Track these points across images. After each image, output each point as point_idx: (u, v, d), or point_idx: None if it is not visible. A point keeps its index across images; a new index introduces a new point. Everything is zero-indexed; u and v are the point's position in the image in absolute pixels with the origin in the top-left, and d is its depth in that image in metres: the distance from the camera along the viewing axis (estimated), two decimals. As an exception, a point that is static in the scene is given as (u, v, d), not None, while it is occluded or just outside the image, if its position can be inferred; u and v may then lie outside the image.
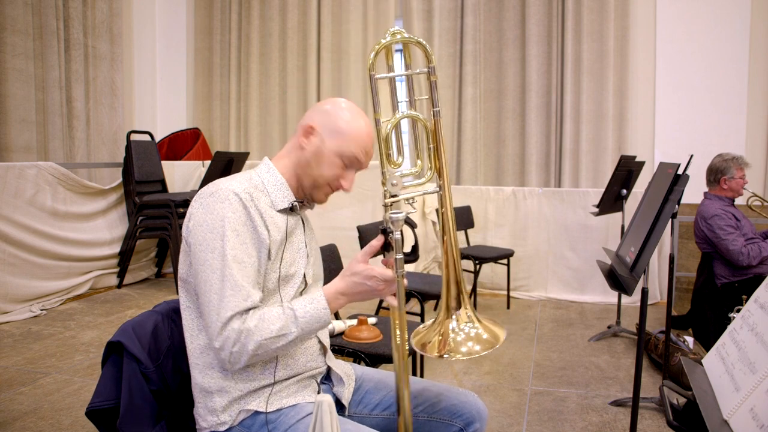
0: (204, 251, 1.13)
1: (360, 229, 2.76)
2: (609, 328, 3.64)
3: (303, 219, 1.35)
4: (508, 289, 4.36)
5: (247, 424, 1.18)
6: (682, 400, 1.47)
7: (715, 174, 3.25)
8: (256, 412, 1.18)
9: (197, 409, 1.21)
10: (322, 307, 1.16)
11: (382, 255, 1.20)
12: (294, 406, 1.21)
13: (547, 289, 4.58)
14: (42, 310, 3.80)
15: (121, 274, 4.58)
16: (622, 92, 4.76)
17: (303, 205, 1.34)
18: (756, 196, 3.60)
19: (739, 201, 3.32)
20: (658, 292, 4.40)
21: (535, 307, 4.32)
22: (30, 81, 4.40)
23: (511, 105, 5.04)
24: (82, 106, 4.78)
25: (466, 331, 1.16)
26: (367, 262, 1.19)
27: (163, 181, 4.88)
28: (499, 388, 2.76)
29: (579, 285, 4.50)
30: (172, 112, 5.99)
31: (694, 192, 3.32)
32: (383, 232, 1.14)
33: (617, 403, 2.58)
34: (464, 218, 4.43)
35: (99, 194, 4.52)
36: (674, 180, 1.94)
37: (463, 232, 4.45)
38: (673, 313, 3.95)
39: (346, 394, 1.33)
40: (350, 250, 2.94)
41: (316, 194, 1.29)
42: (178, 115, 6.03)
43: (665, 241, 4.30)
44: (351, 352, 2.02)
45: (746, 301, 1.17)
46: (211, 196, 1.16)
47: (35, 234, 3.85)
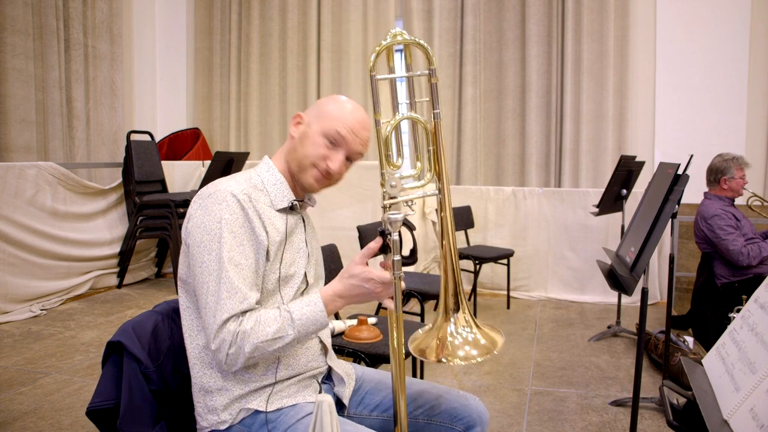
0: (201, 253, 1.13)
1: (360, 229, 2.76)
2: (609, 328, 3.64)
3: (304, 218, 1.35)
4: (508, 289, 4.36)
5: (248, 423, 1.18)
6: (682, 400, 1.47)
7: (715, 174, 3.25)
8: (257, 411, 1.19)
9: (197, 409, 1.21)
10: (319, 310, 1.15)
11: (382, 257, 1.19)
12: (294, 405, 1.21)
13: (547, 289, 4.58)
14: (42, 310, 3.80)
15: (121, 274, 4.58)
16: (622, 92, 4.76)
17: (303, 203, 1.33)
18: (756, 196, 3.60)
19: (739, 201, 3.32)
20: (658, 292, 4.40)
21: (535, 307, 4.32)
22: (30, 81, 4.40)
23: (511, 105, 5.04)
24: (82, 106, 4.78)
25: (464, 336, 1.15)
26: (365, 264, 1.18)
27: (163, 181, 4.89)
28: (499, 388, 2.76)
29: (579, 285, 4.50)
30: (172, 112, 5.99)
31: (694, 192, 3.33)
32: (381, 233, 1.13)
33: (617, 403, 2.58)
34: (464, 218, 4.42)
35: (99, 194, 4.52)
36: (674, 180, 1.95)
37: (463, 232, 4.44)
38: (673, 313, 3.95)
39: (347, 393, 1.33)
40: (350, 250, 2.94)
41: (304, 178, 1.26)
42: (178, 115, 6.03)
43: (665, 241, 4.30)
44: (351, 352, 2.02)
45: (746, 301, 1.17)
46: (209, 198, 1.16)
47: (35, 234, 3.85)
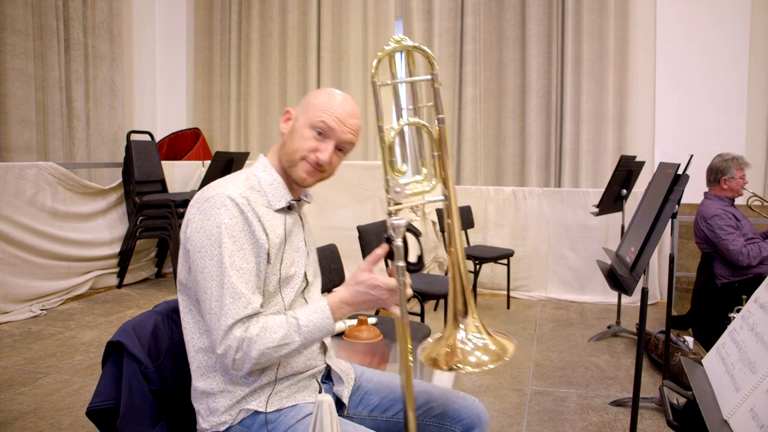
0: (202, 258, 1.12)
1: (360, 229, 2.75)
2: (609, 328, 3.64)
3: (301, 217, 1.34)
4: (508, 289, 4.36)
5: (247, 424, 1.18)
6: (682, 400, 1.47)
7: (715, 174, 3.25)
8: (256, 412, 1.18)
9: (198, 410, 1.21)
10: (326, 317, 1.15)
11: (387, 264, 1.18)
12: (294, 406, 1.20)
13: (547, 289, 4.58)
14: (42, 310, 3.80)
15: (121, 274, 4.58)
16: (622, 92, 4.76)
17: (300, 201, 1.33)
18: (756, 196, 3.60)
19: (739, 201, 3.32)
20: (658, 292, 4.40)
21: (535, 307, 4.32)
22: (30, 81, 4.40)
23: (511, 105, 5.04)
24: (82, 106, 4.78)
25: (475, 342, 1.13)
26: (371, 270, 1.18)
27: (163, 181, 4.89)
28: (499, 388, 2.76)
29: (579, 285, 4.50)
30: (172, 112, 5.99)
31: (694, 192, 3.32)
32: (387, 240, 1.13)
33: (617, 403, 2.58)
34: (464, 218, 4.42)
35: (99, 194, 4.52)
36: (674, 180, 1.94)
37: (463, 232, 4.44)
38: (673, 313, 3.95)
39: (346, 393, 1.33)
40: (350, 250, 2.94)
41: (295, 172, 1.25)
42: (178, 115, 6.03)
43: (665, 241, 4.30)
44: (351, 352, 2.02)
45: (746, 301, 1.17)
46: (207, 202, 1.15)
47: (35, 234, 3.85)
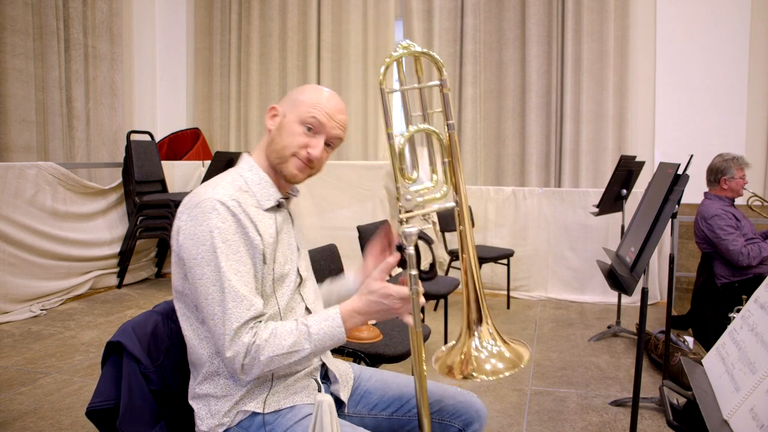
0: (199, 265, 1.11)
1: (360, 229, 2.75)
2: (609, 328, 3.64)
3: (290, 213, 1.34)
4: (508, 289, 4.36)
5: (245, 426, 1.18)
6: (682, 400, 1.47)
7: (715, 174, 3.25)
8: (254, 413, 1.18)
9: (198, 412, 1.20)
10: (337, 326, 1.14)
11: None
12: (292, 407, 1.20)
13: (547, 289, 4.58)
14: (42, 310, 3.80)
15: (121, 274, 4.58)
16: (622, 92, 4.75)
17: (289, 198, 1.33)
18: (756, 196, 3.60)
19: (739, 201, 3.32)
20: (658, 292, 4.39)
21: (535, 307, 4.32)
22: (30, 81, 4.40)
23: (511, 105, 5.04)
24: (82, 106, 4.78)
25: (490, 350, 1.12)
26: (384, 279, 1.16)
27: (163, 181, 4.89)
28: (499, 388, 2.75)
29: (579, 285, 4.50)
30: (172, 112, 5.99)
31: (694, 192, 3.32)
32: (399, 248, 1.11)
33: (617, 403, 2.58)
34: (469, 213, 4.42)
35: (99, 194, 4.52)
36: (674, 180, 1.94)
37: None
38: (673, 313, 3.95)
39: (346, 392, 1.33)
40: (350, 250, 2.94)
41: (286, 169, 1.24)
42: (178, 115, 6.03)
43: (665, 241, 4.29)
44: (351, 352, 2.02)
45: (746, 301, 1.17)
46: (197, 207, 1.14)
47: (35, 234, 3.85)
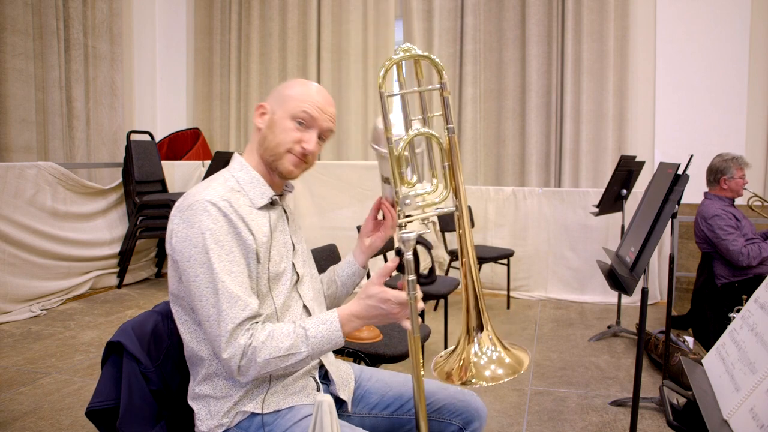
0: (192, 267, 1.11)
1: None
2: (609, 328, 3.64)
3: (285, 210, 1.33)
4: (508, 289, 4.36)
5: (244, 426, 1.18)
6: (682, 400, 1.47)
7: (715, 174, 3.25)
8: (253, 414, 1.18)
9: (198, 413, 1.20)
10: (335, 329, 1.14)
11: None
12: (291, 408, 1.20)
13: (547, 289, 4.58)
14: (42, 310, 3.80)
15: (121, 274, 4.58)
16: (622, 92, 4.76)
17: (283, 195, 1.32)
18: (756, 196, 3.59)
19: (739, 201, 3.32)
20: (658, 292, 4.39)
21: (535, 307, 4.32)
22: (30, 81, 4.40)
23: (511, 105, 5.04)
24: (82, 106, 4.78)
25: (489, 356, 1.12)
26: (382, 284, 1.16)
27: (163, 181, 4.89)
28: (499, 388, 2.75)
29: (579, 285, 4.50)
30: (172, 112, 5.99)
31: (694, 192, 3.32)
32: (398, 252, 1.11)
33: (617, 403, 2.58)
34: (469, 217, 4.42)
35: (99, 194, 4.52)
36: (674, 180, 1.94)
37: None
38: (673, 313, 3.95)
39: (346, 392, 1.33)
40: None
41: (281, 165, 1.24)
42: (178, 115, 6.03)
43: (665, 241, 4.29)
44: (351, 352, 2.02)
45: (746, 301, 1.17)
46: (189, 210, 1.14)
47: (35, 234, 3.85)
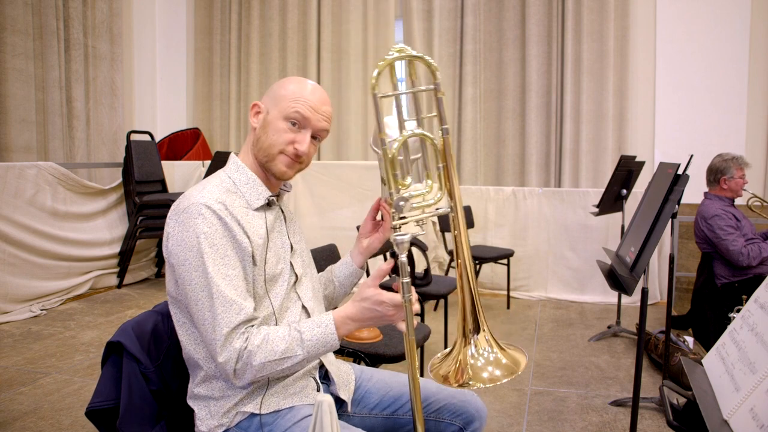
0: (187, 271, 1.11)
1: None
2: (609, 328, 3.64)
3: (283, 210, 1.33)
4: (508, 289, 4.36)
5: (244, 426, 1.18)
6: (682, 400, 1.47)
7: (715, 174, 3.25)
8: (252, 414, 1.18)
9: (198, 413, 1.20)
10: (330, 332, 1.14)
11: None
12: (291, 408, 1.20)
13: (547, 289, 4.58)
14: (42, 310, 3.80)
15: (121, 274, 4.58)
16: (622, 92, 4.75)
17: (280, 195, 1.32)
18: (756, 197, 3.59)
19: (739, 201, 3.32)
20: (658, 292, 4.39)
21: (535, 307, 4.32)
22: (30, 81, 4.40)
23: (511, 105, 5.04)
24: (82, 106, 4.78)
25: (486, 357, 1.11)
26: (377, 286, 1.15)
27: (163, 181, 4.89)
28: (499, 388, 2.75)
29: (579, 285, 4.50)
30: (172, 112, 5.99)
31: (694, 192, 3.32)
32: (392, 255, 1.10)
33: (617, 403, 2.58)
34: (464, 218, 4.42)
35: (99, 194, 4.52)
36: (674, 180, 1.94)
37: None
38: (673, 313, 3.95)
39: (346, 393, 1.33)
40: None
41: (275, 166, 1.23)
42: (178, 115, 6.03)
43: (665, 241, 4.29)
44: (351, 352, 2.02)
45: (746, 301, 1.17)
46: (184, 213, 1.14)
47: (35, 234, 3.85)
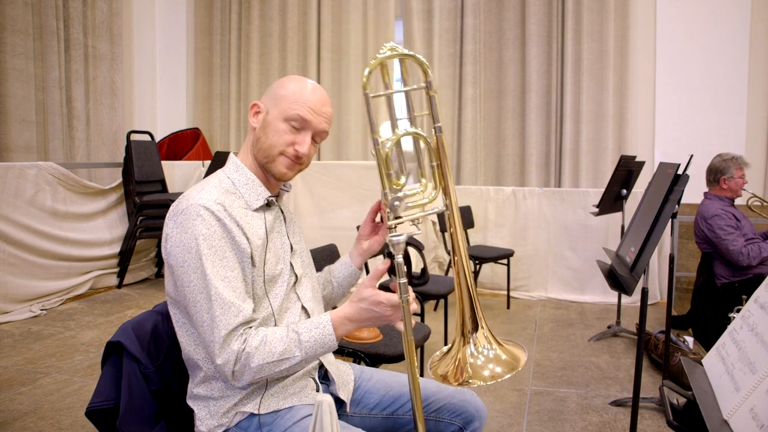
0: (186, 272, 1.11)
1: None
2: (609, 328, 3.64)
3: (282, 210, 1.33)
4: (508, 289, 4.36)
5: (243, 426, 1.18)
6: (682, 400, 1.47)
7: (715, 174, 3.25)
8: (252, 414, 1.18)
9: (198, 413, 1.20)
10: (328, 333, 1.14)
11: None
12: (290, 408, 1.20)
13: (547, 289, 4.58)
14: (42, 310, 3.80)
15: (121, 274, 4.58)
16: (622, 92, 4.76)
17: (279, 195, 1.32)
18: (756, 196, 3.59)
19: (739, 201, 3.32)
20: (658, 292, 4.39)
21: (535, 307, 4.32)
22: (30, 81, 4.40)
23: (511, 105, 5.04)
24: (82, 106, 4.78)
25: (486, 355, 1.11)
26: (374, 286, 1.15)
27: (163, 181, 4.89)
28: (499, 388, 2.75)
29: (579, 285, 4.50)
30: (172, 112, 5.99)
31: (694, 192, 3.32)
32: (389, 255, 1.10)
33: (617, 403, 2.58)
34: (464, 218, 4.42)
35: (99, 194, 4.52)
36: (674, 180, 1.94)
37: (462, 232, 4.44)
38: (673, 313, 3.95)
39: (346, 393, 1.33)
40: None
41: (275, 168, 1.23)
42: (178, 115, 6.03)
43: (665, 241, 4.29)
44: (351, 352, 2.02)
45: (746, 301, 1.17)
46: (183, 214, 1.13)
47: (35, 234, 3.85)
